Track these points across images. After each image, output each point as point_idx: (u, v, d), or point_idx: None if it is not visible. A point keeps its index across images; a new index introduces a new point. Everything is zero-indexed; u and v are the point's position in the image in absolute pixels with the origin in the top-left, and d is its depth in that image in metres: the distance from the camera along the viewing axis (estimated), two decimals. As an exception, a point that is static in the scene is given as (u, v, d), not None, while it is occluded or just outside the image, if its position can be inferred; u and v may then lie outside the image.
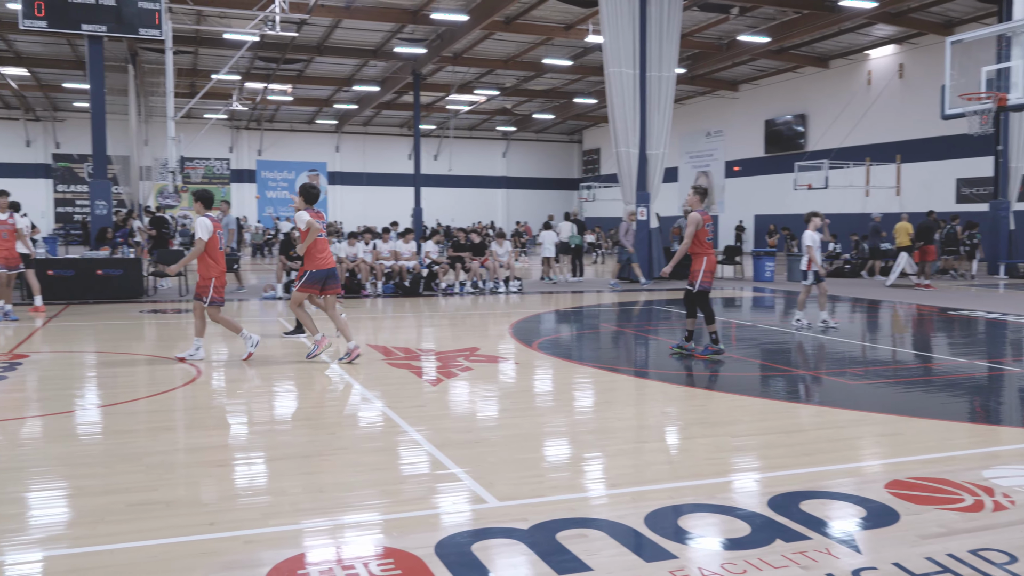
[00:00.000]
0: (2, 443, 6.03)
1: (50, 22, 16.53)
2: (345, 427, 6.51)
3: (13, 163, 41.13)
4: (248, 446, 5.94)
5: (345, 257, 17.17)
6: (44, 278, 15.12)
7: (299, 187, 9.54)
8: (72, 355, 9.82)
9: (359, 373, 8.60)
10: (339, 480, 5.03)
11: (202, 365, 9.00)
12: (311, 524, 4.30)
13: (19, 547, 4.04)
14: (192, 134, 36.30)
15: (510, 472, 5.18)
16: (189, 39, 26.99)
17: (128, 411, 6.91)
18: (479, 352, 9.98)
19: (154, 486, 4.90)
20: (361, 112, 40.75)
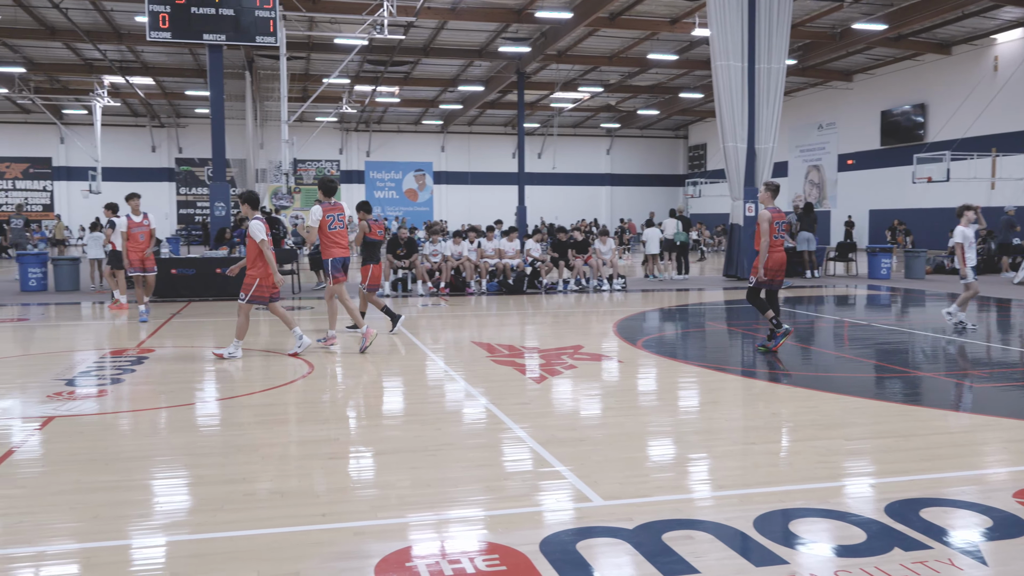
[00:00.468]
0: (130, 433, 6.37)
1: (174, 33, 17.38)
2: (450, 423, 6.60)
3: (140, 167, 43.41)
4: (357, 440, 6.09)
5: (451, 255, 17.42)
6: (167, 276, 15.93)
7: (319, 180, 10.35)
8: (193, 350, 10.29)
9: (464, 369, 8.70)
10: (444, 475, 5.10)
11: (313, 360, 9.28)
12: (417, 518, 4.38)
13: (145, 531, 4.26)
14: (304, 137, 37.49)
15: (614, 471, 5.14)
16: (302, 45, 27.87)
17: (245, 404, 7.20)
18: (583, 350, 9.95)
19: (270, 477, 5.08)
20: (466, 112, 41.23)
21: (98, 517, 4.38)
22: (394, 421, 6.70)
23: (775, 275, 9.86)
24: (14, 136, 42.06)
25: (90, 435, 6.15)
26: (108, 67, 31.06)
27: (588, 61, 31.68)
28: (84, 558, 3.89)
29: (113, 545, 4.06)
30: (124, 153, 42.81)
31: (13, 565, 3.83)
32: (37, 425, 6.37)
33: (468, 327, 12.65)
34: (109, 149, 39.89)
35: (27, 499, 4.70)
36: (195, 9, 17.28)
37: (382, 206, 46.24)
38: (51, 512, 4.47)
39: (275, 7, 17.64)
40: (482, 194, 46.80)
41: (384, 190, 46.81)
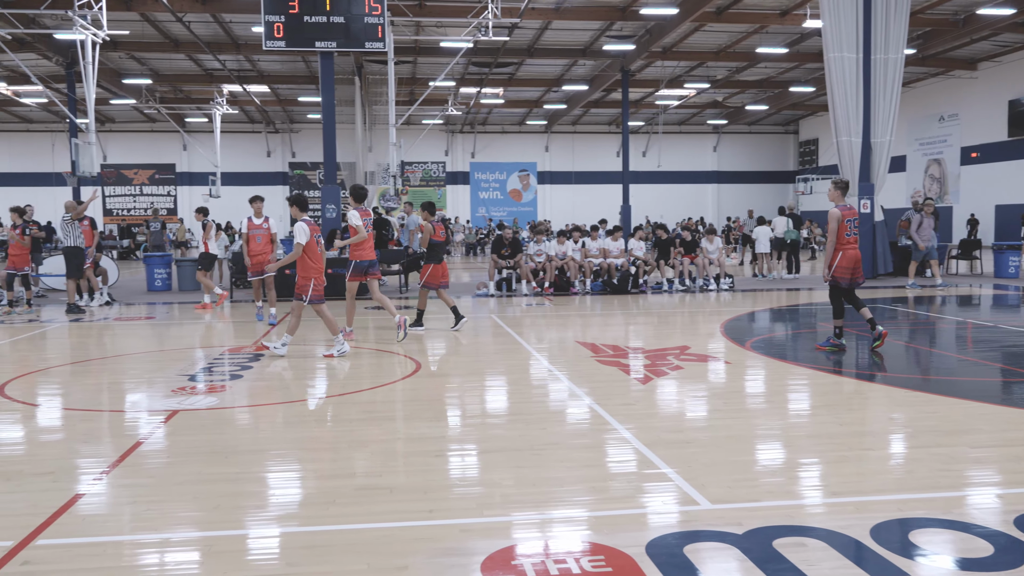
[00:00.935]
0: (247, 427, 6.63)
1: (288, 42, 17.99)
2: (555, 423, 6.60)
3: (256, 172, 45.12)
4: (463, 438, 6.16)
5: (555, 255, 17.43)
6: (282, 276, 16.49)
7: (351, 188, 11.15)
8: (305, 347, 10.62)
9: (568, 369, 8.69)
10: (549, 475, 5.10)
11: (419, 358, 9.44)
12: (522, 516, 4.40)
13: (261, 522, 4.43)
14: (411, 139, 38.23)
15: (722, 474, 5.04)
16: (408, 49, 28.41)
17: (354, 401, 7.39)
18: (689, 351, 9.79)
19: (378, 472, 5.20)
20: (570, 111, 41.18)
21: (219, 507, 4.58)
22: (499, 420, 6.75)
23: (851, 273, 9.63)
24: (141, 144, 44.41)
25: (211, 428, 6.43)
26: (227, 76, 32.42)
27: (694, 57, 31.16)
28: (205, 546, 4.07)
29: (232, 535, 4.23)
30: (241, 158, 44.60)
31: (140, 551, 4.04)
32: (163, 418, 6.71)
33: (572, 327, 12.63)
34: (227, 155, 41.63)
35: (154, 488, 4.95)
36: (308, 18, 17.84)
37: (487, 207, 46.66)
38: (175, 501, 4.70)
39: (383, 13, 18.04)
40: (586, 193, 46.65)
41: (488, 191, 47.23)
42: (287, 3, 17.76)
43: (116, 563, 3.89)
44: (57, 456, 5.77)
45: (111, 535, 4.24)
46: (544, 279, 17.18)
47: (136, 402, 7.56)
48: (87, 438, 6.27)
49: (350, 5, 17.92)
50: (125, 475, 5.20)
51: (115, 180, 44.17)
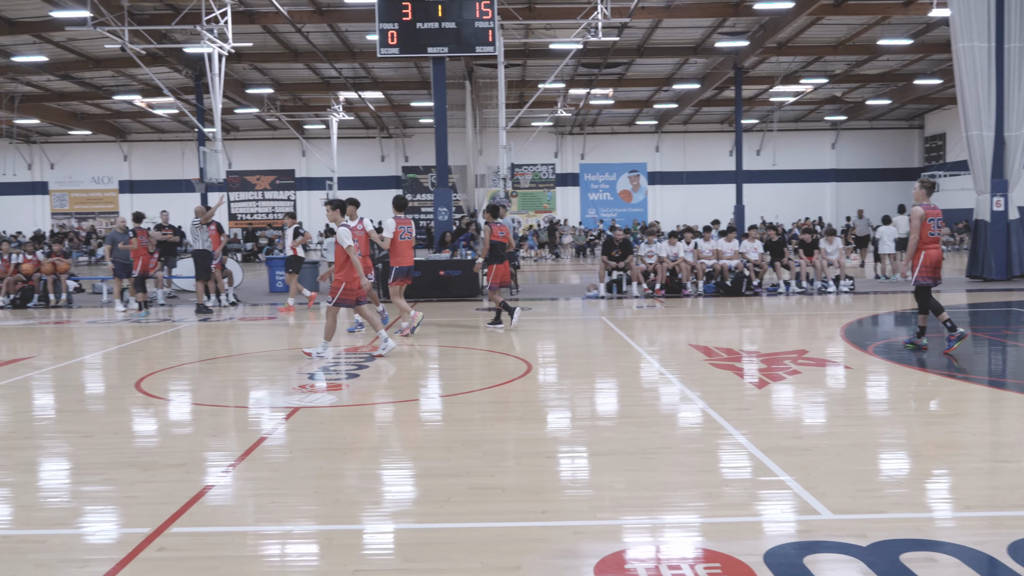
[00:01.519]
0: (364, 424, 6.81)
1: (401, 48, 18.42)
2: (667, 426, 6.51)
3: (371, 176, 46.30)
4: (574, 439, 6.15)
5: (666, 256, 17.20)
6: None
7: (394, 198, 11.91)
8: (418, 348, 10.83)
9: (680, 372, 8.56)
10: (662, 479, 5.04)
11: (531, 360, 9.47)
12: (634, 520, 4.35)
13: (377, 518, 4.54)
14: (521, 142, 38.44)
15: (844, 483, 4.85)
16: (518, 52, 28.60)
17: (467, 401, 7.48)
18: (808, 355, 9.49)
19: (491, 472, 5.25)
20: (681, 111, 40.56)
21: (338, 502, 4.72)
22: (610, 422, 6.71)
23: (932, 272, 9.61)
24: (263, 151, 46.25)
25: (330, 425, 6.64)
26: (343, 84, 33.41)
27: (811, 52, 30.16)
28: (325, 539, 4.20)
29: (349, 529, 4.35)
30: (356, 163, 45.84)
31: (264, 541, 4.21)
32: (285, 415, 6.96)
33: (684, 329, 12.44)
34: (343, 160, 42.88)
35: (276, 482, 5.14)
36: (420, 24, 18.22)
37: (596, 208, 46.47)
38: (297, 495, 4.87)
39: (494, 18, 18.23)
40: (698, 193, 45.83)
41: (598, 192, 47.03)
42: (400, 11, 18.19)
43: (241, 552, 4.06)
44: (188, 449, 6.07)
45: (237, 526, 4.43)
46: (655, 281, 16.98)
47: (260, 399, 7.88)
48: (215, 432, 6.57)
49: (461, 10, 18.20)
50: (250, 469, 5.43)
51: (239, 186, 46.16)
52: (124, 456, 5.84)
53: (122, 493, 4.99)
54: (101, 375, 9.53)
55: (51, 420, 7.17)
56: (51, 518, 4.61)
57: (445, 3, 18.11)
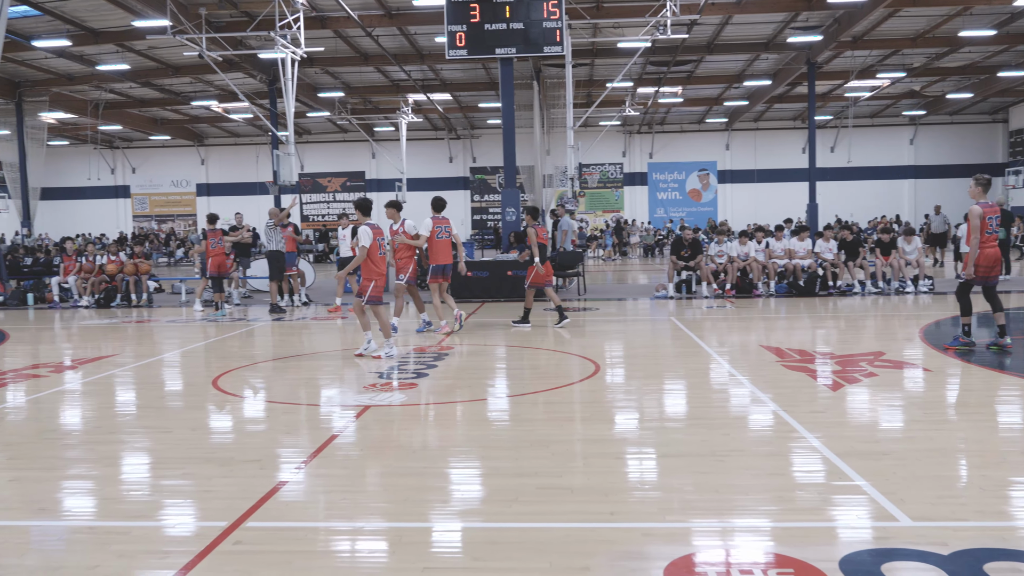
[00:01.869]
0: (433, 423, 6.88)
1: (469, 50, 18.53)
2: (737, 428, 6.41)
3: (439, 177, 46.69)
4: (642, 441, 6.10)
5: (736, 256, 16.94)
6: (463, 278, 16.99)
7: (432, 199, 12.41)
8: (486, 348, 10.88)
9: (751, 373, 8.41)
10: (732, 482, 4.96)
11: (599, 360, 9.43)
12: (704, 524, 4.30)
13: (446, 516, 4.58)
14: (588, 141, 38.28)
15: (924, 489, 4.71)
16: (586, 52, 28.50)
17: (534, 401, 7.49)
18: (884, 357, 9.23)
19: (559, 472, 5.24)
20: (752, 108, 39.87)
21: (407, 500, 4.77)
22: (679, 424, 6.63)
23: (988, 272, 9.58)
24: (334, 153, 47.06)
25: (399, 424, 6.72)
26: (412, 86, 33.77)
27: (887, 45, 29.33)
28: (395, 536, 4.25)
29: (418, 527, 4.39)
30: (425, 164, 46.29)
31: (335, 537, 4.28)
32: (355, 413, 7.07)
33: (755, 330, 12.23)
34: (412, 161, 43.34)
35: (347, 479, 5.23)
36: (488, 26, 18.30)
37: (665, 207, 46.03)
38: (367, 492, 4.94)
39: (561, 17, 18.20)
40: (769, 192, 45.00)
41: (667, 191, 46.57)
42: (468, 12, 18.29)
43: (313, 548, 4.14)
44: (262, 445, 6.21)
45: (309, 521, 4.52)
46: (725, 281, 16.73)
47: (331, 397, 8.02)
48: (288, 429, 6.71)
49: (529, 11, 18.22)
50: (322, 466, 5.53)
51: (311, 188, 47.05)
52: (202, 451, 6.01)
53: (200, 487, 5.13)
54: (180, 373, 9.82)
55: (133, 416, 7.42)
56: (133, 510, 4.77)
57: (513, 4, 18.16)
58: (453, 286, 16.85)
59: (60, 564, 3.96)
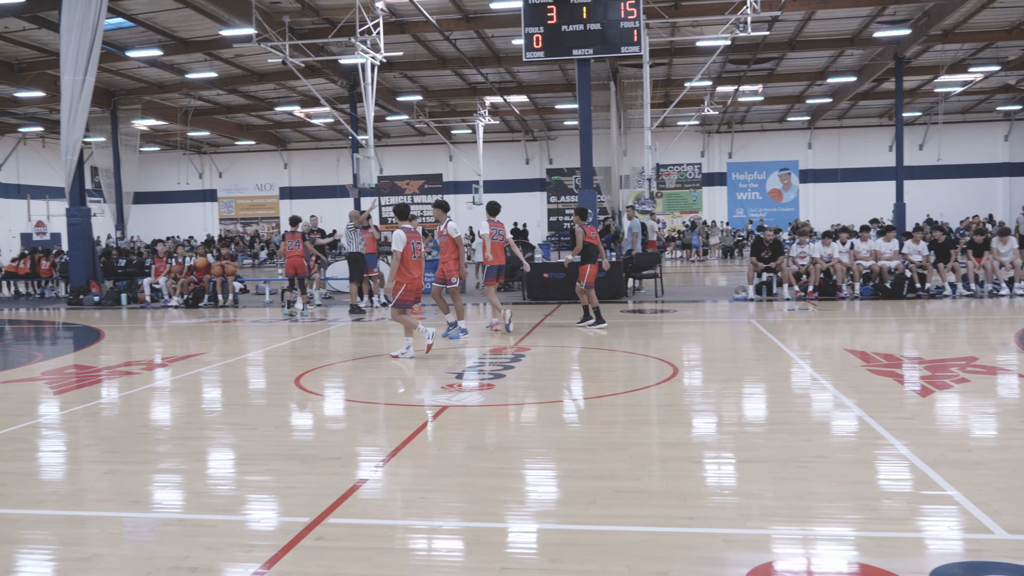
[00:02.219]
0: (510, 424, 6.90)
1: (546, 52, 18.55)
2: (820, 434, 6.25)
3: (516, 179, 46.87)
4: (721, 445, 6.00)
5: (819, 257, 16.53)
6: (540, 280, 17.03)
7: (487, 204, 12.94)
8: (562, 349, 10.87)
9: (835, 378, 8.19)
10: (815, 489, 4.84)
11: (676, 363, 9.32)
12: (786, 531, 4.20)
13: (523, 517, 4.59)
14: (666, 142, 37.92)
15: (1021, 501, 4.51)
16: (664, 51, 28.21)
17: (612, 403, 7.44)
18: (977, 362, 8.88)
19: (637, 476, 5.20)
20: (835, 105, 38.84)
21: (484, 500, 4.80)
22: (759, 428, 6.50)
23: None
24: (412, 156, 47.69)
25: (477, 424, 6.76)
26: (489, 89, 33.97)
27: (981, 38, 28.21)
28: (472, 536, 4.28)
29: (495, 527, 4.41)
30: (501, 166, 46.52)
31: (413, 535, 4.33)
32: (433, 413, 7.15)
33: (839, 333, 11.91)
34: (489, 163, 43.61)
35: (426, 478, 5.29)
36: (565, 27, 18.28)
37: (744, 208, 45.24)
38: (445, 492, 4.98)
39: (639, 17, 18.07)
40: (853, 191, 43.78)
41: (746, 191, 45.75)
42: (545, 14, 18.30)
43: (392, 545, 4.20)
44: (342, 443, 6.34)
45: (389, 519, 4.59)
46: (808, 283, 16.34)
47: (409, 397, 8.12)
48: (367, 428, 6.82)
49: (606, 11, 18.13)
50: (400, 464, 5.60)
51: (390, 191, 47.77)
52: (285, 448, 6.16)
53: (283, 483, 5.26)
54: (263, 371, 10.09)
55: (219, 413, 7.65)
56: (220, 504, 4.92)
57: (590, 5, 18.10)
58: (530, 287, 17.00)
59: (152, 555, 4.11)
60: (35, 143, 42.49)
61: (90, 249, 20.36)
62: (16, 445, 6.42)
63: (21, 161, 41.73)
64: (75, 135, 18.04)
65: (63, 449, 6.46)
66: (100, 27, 17.45)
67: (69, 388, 8.82)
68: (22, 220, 39.88)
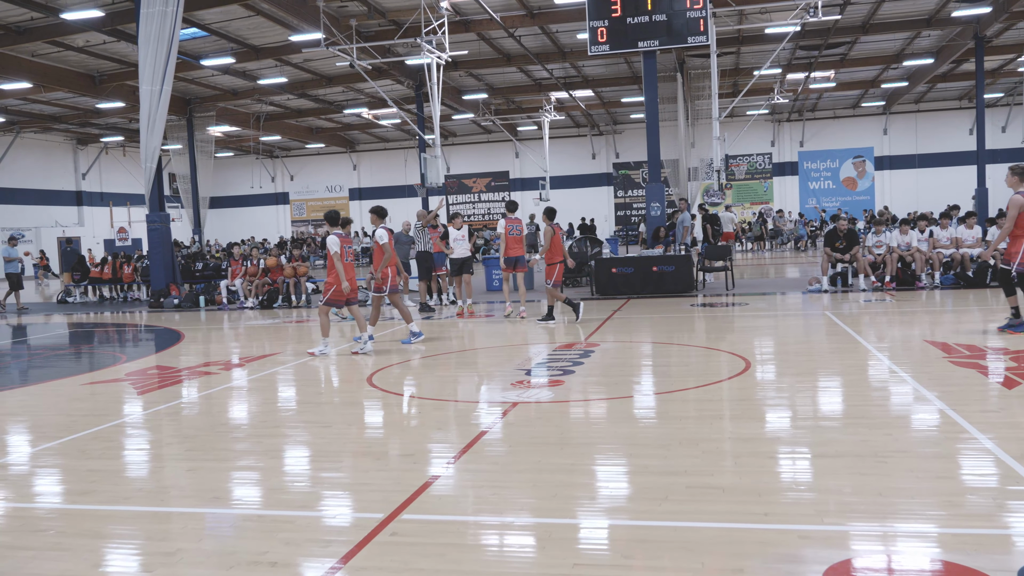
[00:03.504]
0: (580, 420, 6.89)
1: (611, 45, 18.45)
2: (901, 428, 6.08)
3: (582, 174, 46.75)
4: (796, 440, 5.89)
5: (897, 246, 16.07)
6: (608, 275, 16.94)
7: (506, 202, 14.76)
8: (632, 345, 10.80)
9: (915, 370, 7.96)
10: (894, 484, 4.71)
11: (748, 357, 9.17)
12: (865, 527, 4.11)
13: (594, 513, 4.58)
14: (734, 132, 37.29)
15: (1114, 497, 4.32)
16: (731, 40, 27.78)
17: (682, 398, 7.37)
18: (1066, 352, 8.53)
19: (710, 471, 5.14)
20: (912, 89, 37.68)
21: (556, 496, 4.81)
22: (835, 423, 6.35)
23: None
24: (478, 154, 47.97)
25: (547, 420, 6.77)
26: (554, 84, 33.95)
27: (1067, 13, 27.05)
28: (544, 532, 4.29)
29: (567, 523, 4.42)
30: (568, 162, 46.44)
31: (485, 531, 4.37)
32: (504, 409, 7.18)
33: (919, 324, 11.56)
34: (555, 159, 43.58)
35: (497, 474, 5.32)
36: (630, 19, 18.15)
37: (816, 197, 44.25)
38: (516, 488, 5.01)
39: (705, 6, 17.82)
40: (932, 177, 42.44)
41: (819, 180, 44.73)
42: (610, 7, 18.21)
43: (465, 541, 4.24)
44: (415, 440, 6.42)
45: (461, 515, 4.63)
46: (884, 273, 15.90)
47: (480, 394, 8.18)
48: (439, 425, 6.89)
49: (672, 2, 17.95)
50: (472, 461, 5.65)
51: (456, 189, 48.13)
52: (358, 446, 6.27)
53: (357, 480, 5.36)
54: (336, 370, 10.27)
55: (294, 411, 7.83)
56: (296, 500, 5.03)
57: (654, -4, 17.93)
58: (599, 282, 16.93)
59: (233, 549, 4.23)
60: (116, 152, 44.09)
61: (169, 254, 21.02)
62: (104, 443, 6.68)
63: (104, 170, 43.37)
64: (153, 143, 18.64)
65: (147, 447, 6.69)
66: (176, 38, 17.99)
67: (152, 388, 9.13)
68: (105, 226, 41.41)
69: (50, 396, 9.16)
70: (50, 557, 4.24)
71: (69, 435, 6.96)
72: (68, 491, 5.48)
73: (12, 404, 8.83)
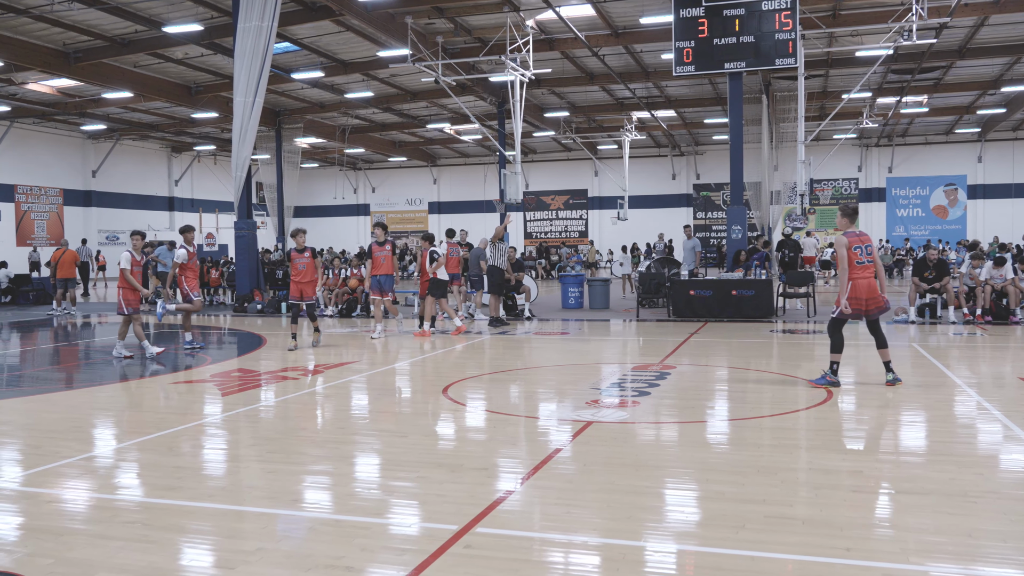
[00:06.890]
0: (654, 442, 6.82)
1: (697, 66, 18.31)
2: (991, 467, 5.84)
3: (661, 195, 46.39)
4: (878, 474, 5.71)
5: (990, 278, 15.45)
6: (686, 297, 16.73)
7: (446, 230, 16.27)
8: (708, 369, 10.64)
9: (1007, 408, 7.64)
10: (984, 526, 4.53)
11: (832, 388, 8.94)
12: (950, 569, 3.96)
13: (667, 538, 4.52)
14: (820, 156, 36.54)
15: None
16: (820, 62, 27.26)
17: (760, 426, 7.23)
18: None
19: (789, 502, 5.03)
20: (1010, 116, 36.30)
21: (630, 518, 4.76)
22: (920, 459, 6.14)
23: (864, 305, 8.96)
24: (557, 172, 48.08)
25: (621, 441, 6.72)
26: (636, 104, 33.81)
27: None
28: (617, 554, 4.26)
29: (639, 545, 4.37)
30: (647, 182, 46.15)
31: (558, 549, 4.35)
32: (577, 428, 7.16)
33: (1012, 360, 11.11)
34: (635, 179, 43.33)
35: (569, 493, 5.30)
36: (717, 41, 17.99)
37: (904, 225, 42.98)
38: (589, 508, 4.98)
39: (795, 28, 17.55)
40: (1028, 207, 40.80)
41: (907, 208, 43.44)
42: (697, 28, 18.09)
43: (537, 557, 4.23)
44: (488, 454, 6.44)
45: (534, 531, 4.63)
46: (976, 306, 15.32)
47: (552, 411, 8.17)
48: (512, 441, 6.91)
49: (760, 23, 17.73)
50: (545, 478, 5.64)
51: (535, 205, 48.30)
52: (433, 456, 6.33)
53: (432, 491, 5.40)
54: (411, 381, 10.40)
55: (369, 420, 7.95)
56: (372, 508, 5.11)
57: (743, 17, 17.74)
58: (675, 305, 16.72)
59: (310, 552, 4.32)
60: (207, 160, 45.64)
61: (255, 260, 21.60)
62: (189, 441, 6.90)
63: (195, 177, 44.91)
64: (244, 153, 19.24)
65: (227, 448, 6.88)
66: (270, 52, 18.56)
67: (233, 391, 9.39)
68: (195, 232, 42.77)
69: (147, 392, 9.52)
70: (138, 548, 4.40)
71: (158, 432, 7.21)
72: (155, 486, 5.67)
73: (103, 399, 9.20)
